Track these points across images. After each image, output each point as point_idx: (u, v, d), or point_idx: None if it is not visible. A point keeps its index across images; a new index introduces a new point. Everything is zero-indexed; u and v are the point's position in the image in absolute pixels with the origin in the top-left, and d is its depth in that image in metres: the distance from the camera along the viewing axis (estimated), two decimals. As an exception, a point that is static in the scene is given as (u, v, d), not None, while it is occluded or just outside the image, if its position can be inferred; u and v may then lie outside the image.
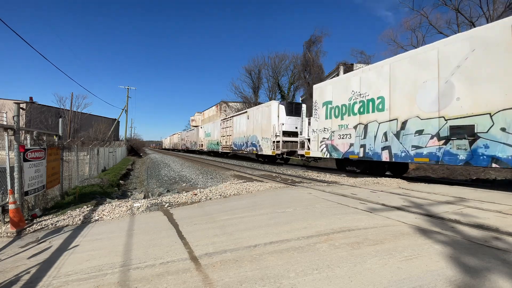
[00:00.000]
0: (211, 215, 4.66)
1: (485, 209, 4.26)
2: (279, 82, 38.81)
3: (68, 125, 33.67)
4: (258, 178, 10.23)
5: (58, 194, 6.98)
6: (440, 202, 4.88)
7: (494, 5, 19.98)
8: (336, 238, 3.12)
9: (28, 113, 31.38)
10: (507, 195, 5.55)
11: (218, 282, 2.24)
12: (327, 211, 4.43)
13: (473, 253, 2.57)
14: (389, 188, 6.71)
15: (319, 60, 33.64)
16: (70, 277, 2.58)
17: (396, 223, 3.63)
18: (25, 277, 2.68)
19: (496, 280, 2.06)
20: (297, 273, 2.31)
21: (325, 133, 11.57)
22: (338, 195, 5.80)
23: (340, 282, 2.14)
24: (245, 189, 7.12)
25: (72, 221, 4.86)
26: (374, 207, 4.61)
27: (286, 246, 2.96)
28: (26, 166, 5.00)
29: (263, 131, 17.67)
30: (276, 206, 5.02)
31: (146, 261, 2.82)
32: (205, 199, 6.15)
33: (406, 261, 2.45)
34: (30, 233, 4.36)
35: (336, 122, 10.99)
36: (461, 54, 6.78)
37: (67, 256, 3.18)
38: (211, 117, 53.14)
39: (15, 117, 4.84)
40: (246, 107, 33.45)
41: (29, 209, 5.31)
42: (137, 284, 2.32)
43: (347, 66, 29.99)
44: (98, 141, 18.20)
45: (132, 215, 5.10)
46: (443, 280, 2.09)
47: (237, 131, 22.40)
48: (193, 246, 3.16)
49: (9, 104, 23.85)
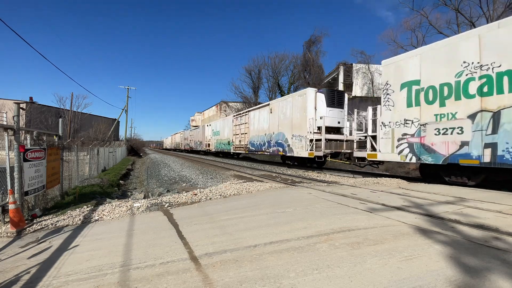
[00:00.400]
0: (211, 215, 4.66)
1: (485, 209, 4.26)
2: (279, 82, 38.83)
3: (68, 125, 33.68)
4: (258, 178, 10.23)
5: (58, 194, 6.98)
6: (440, 202, 4.88)
7: (494, 5, 19.99)
8: (336, 238, 3.12)
9: (28, 113, 31.37)
10: (507, 195, 5.55)
11: (218, 282, 2.24)
12: (327, 211, 4.43)
13: (473, 253, 2.57)
14: (389, 188, 6.71)
15: (319, 60, 33.73)
16: (70, 277, 2.58)
17: (396, 223, 3.63)
18: (25, 277, 2.68)
19: (496, 280, 2.06)
20: (297, 273, 2.31)
21: (407, 127, 8.21)
22: (338, 195, 5.80)
23: (340, 282, 2.14)
24: (245, 189, 7.12)
25: (72, 221, 4.86)
26: (374, 207, 4.61)
27: (286, 246, 2.96)
28: (26, 166, 5.00)
29: (294, 127, 14.17)
30: (276, 206, 5.02)
31: (146, 261, 2.82)
32: (205, 199, 6.15)
33: (406, 261, 2.45)
34: (30, 233, 4.36)
35: (431, 111, 7.60)
36: None
37: (67, 256, 3.18)
38: (211, 117, 53.15)
39: (15, 117, 4.84)
40: (246, 107, 33.33)
41: (29, 209, 5.31)
42: (137, 284, 2.32)
43: (347, 66, 30.02)
44: (98, 141, 18.20)
45: (132, 215, 5.10)
46: (443, 280, 2.09)
47: (255, 128, 18.88)
48: (193, 246, 3.16)
49: (9, 104, 23.88)
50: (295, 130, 14.09)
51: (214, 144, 28.86)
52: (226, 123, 25.46)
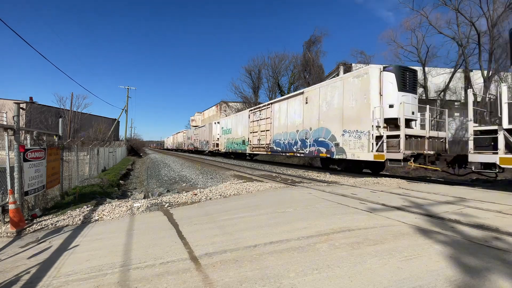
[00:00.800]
0: (211, 215, 4.66)
1: (485, 209, 4.26)
2: (279, 82, 38.82)
3: (68, 125, 33.68)
4: (258, 178, 10.23)
5: (58, 194, 6.98)
6: (440, 202, 4.88)
7: (494, 5, 19.97)
8: (336, 238, 3.12)
9: (28, 113, 31.37)
10: (507, 195, 5.55)
11: (218, 282, 2.24)
12: (327, 211, 4.43)
13: (473, 253, 2.57)
14: (389, 188, 6.71)
15: (319, 60, 33.68)
16: (70, 277, 2.58)
17: (396, 223, 3.63)
18: (25, 277, 2.68)
19: (496, 280, 2.06)
20: (297, 273, 2.31)
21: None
22: (338, 195, 5.80)
23: (340, 282, 2.13)
24: (245, 189, 7.12)
25: (72, 221, 4.86)
26: (374, 207, 4.61)
27: (286, 246, 2.96)
28: (26, 166, 4.99)
29: (346, 120, 10.44)
30: (276, 206, 5.02)
31: (146, 261, 2.82)
32: (205, 199, 6.15)
33: (406, 261, 2.45)
34: (30, 233, 4.36)
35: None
36: None
37: (67, 256, 3.18)
38: (211, 117, 53.06)
39: (15, 117, 4.84)
40: (246, 107, 33.23)
41: (29, 209, 5.31)
42: (137, 284, 2.32)
43: (347, 66, 30.04)
44: (98, 141, 18.20)
45: (132, 215, 5.10)
46: (443, 280, 2.08)
47: (280, 123, 15.41)
48: (193, 246, 3.16)
49: (9, 104, 23.85)
50: (348, 124, 10.37)
51: (224, 144, 25.94)
52: (239, 120, 22.17)
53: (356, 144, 10.00)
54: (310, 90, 13.13)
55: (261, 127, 17.95)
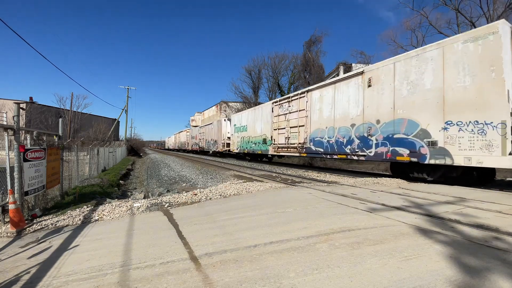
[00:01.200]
0: (211, 215, 4.66)
1: (485, 209, 4.26)
2: (279, 82, 38.81)
3: (68, 125, 33.68)
4: (258, 178, 10.23)
5: (58, 194, 6.98)
6: (440, 202, 4.88)
7: (494, 5, 19.98)
8: (336, 238, 3.12)
9: (28, 113, 31.40)
10: (507, 195, 5.55)
11: (218, 282, 2.24)
12: (327, 211, 4.43)
13: (473, 253, 2.57)
14: (389, 188, 6.71)
15: (319, 60, 33.71)
16: (70, 277, 2.58)
17: (396, 223, 3.63)
18: (25, 277, 2.68)
19: (496, 280, 2.06)
20: (297, 273, 2.31)
21: None
22: (338, 195, 5.80)
23: (340, 282, 2.13)
24: (245, 189, 7.12)
25: (72, 221, 4.86)
26: (374, 207, 4.61)
27: (286, 246, 2.96)
28: (26, 166, 5.00)
29: (455, 106, 7.00)
30: (276, 206, 5.02)
31: (146, 261, 2.82)
32: (205, 199, 6.15)
33: (406, 261, 2.45)
34: (30, 233, 4.36)
35: None
36: None
37: (67, 256, 3.18)
38: (211, 117, 53.04)
39: (15, 117, 4.84)
40: (246, 107, 33.21)
41: (29, 209, 5.32)
42: (137, 284, 2.32)
43: (347, 66, 30.04)
44: (98, 141, 18.20)
45: (132, 215, 5.10)
46: (443, 280, 2.08)
47: (323, 116, 11.95)
48: (193, 246, 3.16)
49: (9, 104, 23.85)
50: (457, 113, 6.97)
51: (237, 143, 22.44)
52: (258, 114, 18.64)
53: (476, 142, 6.59)
54: (375, 68, 9.43)
55: (290, 123, 14.48)
